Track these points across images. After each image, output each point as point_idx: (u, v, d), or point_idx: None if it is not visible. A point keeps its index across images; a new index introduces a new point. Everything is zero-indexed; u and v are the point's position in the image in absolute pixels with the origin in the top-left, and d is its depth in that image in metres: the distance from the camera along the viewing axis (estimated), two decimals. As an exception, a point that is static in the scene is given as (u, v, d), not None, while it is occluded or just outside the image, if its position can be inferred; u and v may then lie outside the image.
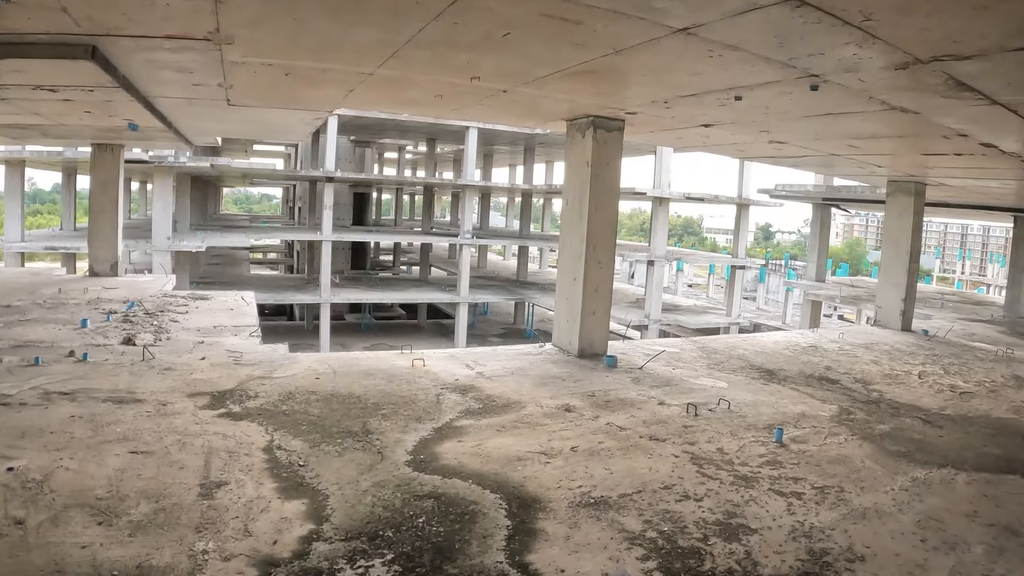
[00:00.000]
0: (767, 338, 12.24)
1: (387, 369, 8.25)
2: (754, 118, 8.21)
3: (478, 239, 40.15)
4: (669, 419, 7.00)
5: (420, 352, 9.10)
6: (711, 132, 9.54)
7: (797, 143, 10.16)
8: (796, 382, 9.18)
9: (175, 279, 17.24)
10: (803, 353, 11.18)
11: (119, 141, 15.91)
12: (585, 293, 9.27)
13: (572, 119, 9.30)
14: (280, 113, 10.54)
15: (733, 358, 10.30)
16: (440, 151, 55.94)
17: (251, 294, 14.45)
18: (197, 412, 6.51)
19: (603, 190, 9.17)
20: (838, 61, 5.40)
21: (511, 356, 9.23)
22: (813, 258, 28.15)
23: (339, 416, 6.53)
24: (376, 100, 8.85)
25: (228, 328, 10.63)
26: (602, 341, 9.57)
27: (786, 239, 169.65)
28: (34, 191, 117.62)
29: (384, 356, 8.94)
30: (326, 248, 35.48)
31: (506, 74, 6.64)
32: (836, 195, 23.97)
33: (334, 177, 35.44)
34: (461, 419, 6.61)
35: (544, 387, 7.84)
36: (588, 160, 9.04)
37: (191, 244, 29.27)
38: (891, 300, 14.83)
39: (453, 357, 9.02)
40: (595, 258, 9.23)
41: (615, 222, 9.39)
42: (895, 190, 14.96)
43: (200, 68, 7.33)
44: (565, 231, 9.69)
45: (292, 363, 8.43)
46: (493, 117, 9.73)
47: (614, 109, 8.30)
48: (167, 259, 28.53)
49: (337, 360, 8.64)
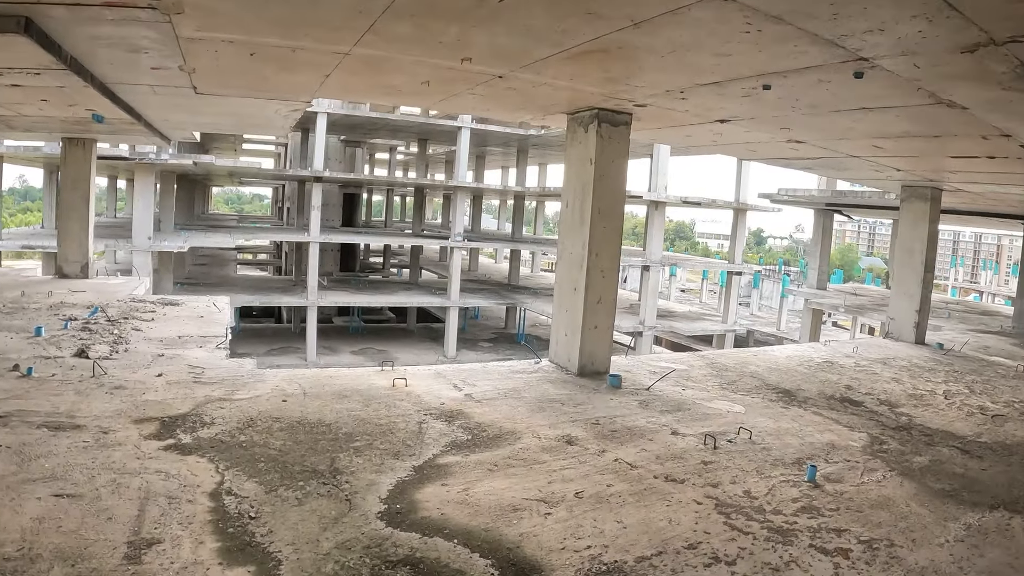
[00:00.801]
0: (779, 353, 11.40)
1: (364, 390, 7.35)
2: (778, 113, 7.36)
3: (469, 242, 39.33)
4: (685, 453, 6.12)
5: (402, 369, 8.20)
6: (726, 130, 8.69)
7: (817, 143, 9.32)
8: (818, 405, 8.33)
9: (149, 282, 16.35)
10: (819, 370, 10.35)
11: (90, 135, 15.00)
12: (586, 305, 8.37)
13: (574, 112, 8.40)
14: (254, 104, 9.65)
15: (746, 376, 9.45)
16: (432, 152, 55.11)
17: (225, 299, 13.56)
18: (141, 443, 5.61)
19: (608, 191, 8.27)
20: (897, 40, 4.55)
21: (504, 374, 8.33)
22: (814, 265, 27.31)
23: (304, 450, 5.62)
24: (356, 87, 7.96)
25: (194, 339, 9.74)
26: (604, 358, 8.67)
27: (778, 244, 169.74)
28: (26, 188, 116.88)
29: (362, 374, 8.02)
30: (313, 250, 34.60)
31: (502, 54, 5.75)
32: (841, 200, 23.13)
33: (322, 177, 34.58)
34: (446, 454, 5.69)
35: (541, 412, 6.94)
36: (591, 157, 8.14)
37: (172, 244, 28.34)
38: (904, 312, 14.03)
39: (439, 375, 8.11)
40: (598, 266, 8.33)
41: (621, 227, 8.50)
42: (910, 195, 14.16)
43: (154, 46, 6.44)
44: (564, 236, 8.79)
45: (258, 382, 7.52)
46: (487, 109, 8.81)
47: (621, 100, 7.42)
48: (147, 259, 27.60)
49: (309, 379, 7.72)
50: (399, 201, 78.21)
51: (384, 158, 64.32)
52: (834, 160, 11.10)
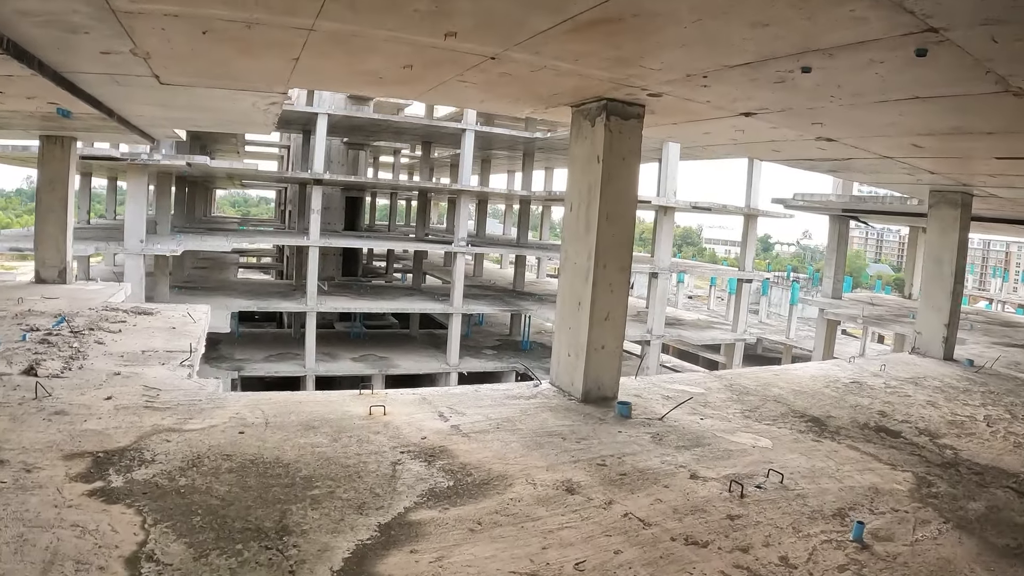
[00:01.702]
0: (802, 372, 10.42)
1: (336, 419, 6.39)
2: (814, 104, 6.42)
3: (473, 247, 38.37)
4: (708, 504, 5.15)
5: (383, 394, 7.27)
6: (749, 125, 7.74)
7: (850, 141, 8.36)
8: (852, 436, 7.38)
9: (130, 288, 15.43)
10: (847, 392, 9.40)
11: (69, 133, 14.15)
12: (592, 322, 7.39)
13: (579, 103, 7.42)
14: (226, 97, 8.74)
15: (769, 400, 8.48)
16: (437, 156, 54.29)
17: (204, 309, 12.65)
18: (65, 486, 4.71)
19: (617, 193, 7.29)
20: (982, 3, 3.63)
21: (498, 400, 7.33)
22: (829, 273, 26.32)
23: (252, 499, 4.68)
24: (332, 74, 7.01)
25: (158, 354, 8.83)
26: (612, 381, 7.69)
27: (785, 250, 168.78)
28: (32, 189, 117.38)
29: (336, 399, 7.05)
30: (313, 254, 33.67)
31: (492, 26, 4.80)
32: (860, 206, 22.12)
33: (322, 179, 33.67)
34: (421, 507, 4.71)
35: (539, 450, 5.95)
36: (599, 155, 7.17)
37: (165, 248, 27.43)
38: (932, 325, 13.07)
39: (424, 401, 7.13)
40: (605, 279, 7.35)
41: (631, 234, 7.53)
42: (939, 201, 13.20)
43: (92, 23, 5.54)
44: (568, 244, 7.83)
45: (216, 408, 6.59)
46: (481, 101, 7.86)
47: (633, 89, 6.46)
48: (139, 263, 26.73)
49: (274, 405, 6.76)
50: (404, 205, 77.30)
51: (388, 161, 63.40)
52: (863, 162, 10.16)
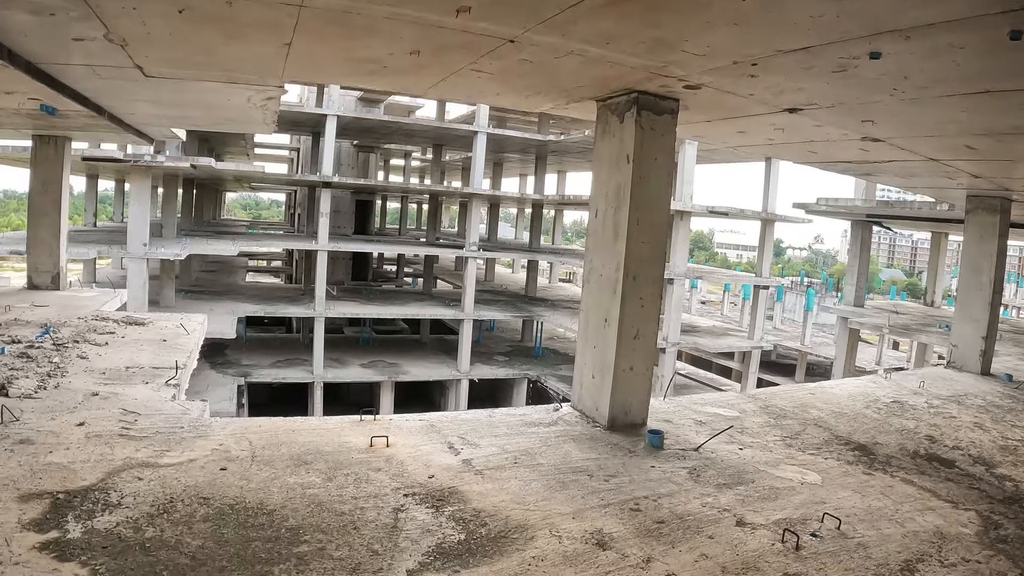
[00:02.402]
0: (840, 391, 9.64)
1: (332, 452, 5.67)
2: (872, 97, 5.68)
3: (485, 251, 37.64)
4: (760, 560, 4.39)
5: (387, 420, 6.55)
6: (791, 123, 7.00)
7: (899, 142, 7.61)
8: (904, 467, 6.63)
9: (126, 295, 14.77)
10: (890, 414, 8.64)
11: (62, 133, 13.52)
12: (620, 341, 6.63)
13: (606, 97, 6.67)
14: (218, 90, 8.05)
15: (809, 425, 7.72)
16: (448, 159, 53.66)
17: (200, 319, 11.95)
18: (14, 536, 4.03)
19: (649, 196, 6.53)
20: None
21: (514, 428, 6.58)
22: (851, 280, 25.51)
23: (228, 558, 3.96)
24: (329, 62, 6.27)
25: (144, 371, 8.15)
26: (641, 407, 6.93)
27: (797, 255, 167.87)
28: None
29: (334, 427, 6.32)
30: (321, 258, 33.03)
31: (513, 1, 4.09)
32: (887, 212, 21.28)
33: (331, 182, 33.00)
34: (427, 570, 3.98)
35: (563, 491, 5.19)
36: (629, 153, 6.42)
37: (169, 252, 26.79)
38: (969, 338, 12.29)
39: (432, 429, 6.39)
40: (635, 292, 6.60)
41: (664, 243, 6.82)
42: (976, 207, 12.42)
43: (56, 4, 4.87)
44: (593, 253, 7.08)
45: (199, 437, 5.87)
46: (496, 95, 7.12)
47: (669, 80, 5.72)
48: (142, 267, 26.08)
49: (264, 434, 6.04)
50: (415, 209, 76.64)
51: (399, 164, 62.76)
52: (901, 165, 9.41)
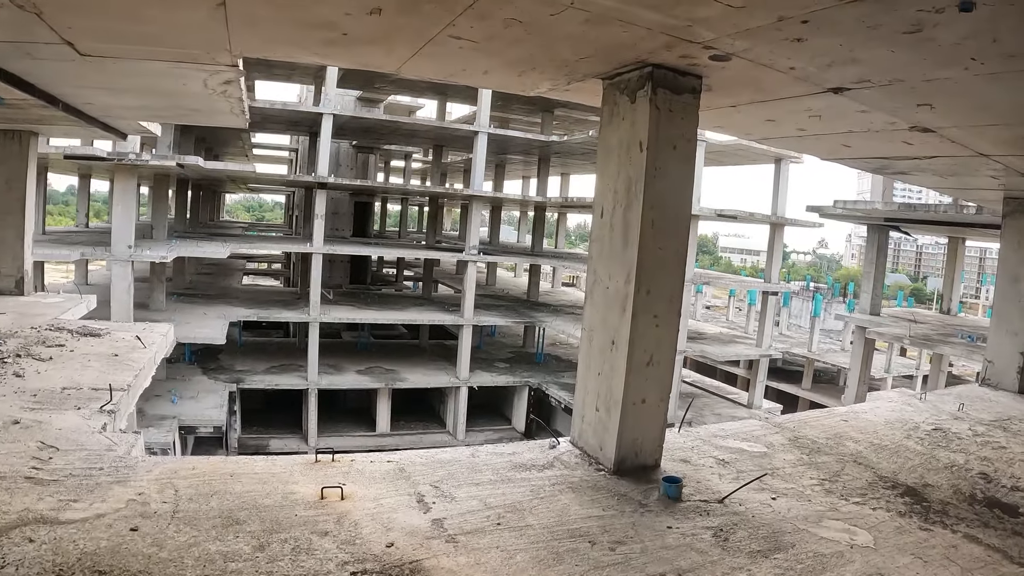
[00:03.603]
0: (874, 417, 8.51)
1: (272, 507, 4.56)
2: (940, 71, 4.59)
3: (485, 255, 36.57)
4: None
5: (348, 461, 5.42)
6: (832, 107, 5.91)
7: (954, 132, 6.52)
8: (963, 516, 5.54)
9: (94, 301, 13.65)
10: (935, 446, 7.53)
11: (25, 127, 12.47)
12: (630, 368, 5.46)
13: (614, 73, 5.55)
14: (168, 72, 6.98)
15: (848, 462, 6.61)
16: (449, 160, 52.67)
17: (163, 329, 10.93)
18: None
19: (667, 192, 5.38)
20: None
21: (501, 473, 5.45)
22: (867, 287, 24.36)
23: None
24: (277, 29, 5.13)
25: (82, 392, 7.10)
26: (654, 446, 5.78)
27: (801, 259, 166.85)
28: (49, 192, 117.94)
29: (281, 471, 5.18)
30: (316, 261, 31.98)
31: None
32: (909, 215, 20.12)
33: (327, 183, 31.97)
34: None
35: (557, 567, 4.02)
36: (642, 140, 5.28)
37: (155, 254, 25.72)
38: (1006, 353, 11.17)
39: (400, 475, 5.24)
40: (648, 310, 5.43)
41: (685, 250, 5.65)
42: (1016, 210, 11.33)
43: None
44: (597, 262, 5.91)
45: (118, 482, 4.79)
46: (485, 73, 5.96)
47: (692, 48, 4.60)
48: (127, 270, 25.05)
49: (197, 479, 4.92)
50: (416, 211, 75.53)
51: (400, 166, 61.73)
52: (949, 162, 8.32)
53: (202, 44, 5.73)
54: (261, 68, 37.90)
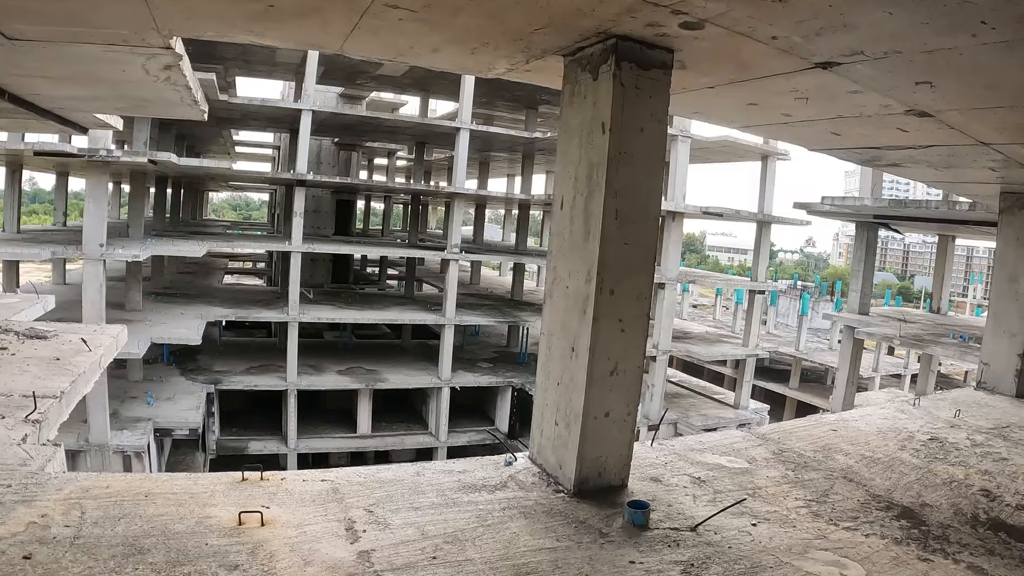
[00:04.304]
0: (866, 426, 7.92)
1: (182, 534, 3.93)
2: (946, 40, 4.00)
3: (468, 254, 35.95)
4: None
5: (278, 479, 4.81)
6: (821, 87, 5.33)
7: (953, 117, 5.95)
8: (966, 541, 4.97)
9: (52, 301, 13.02)
10: (931, 458, 6.96)
11: (-27, 119, 11.83)
12: (592, 377, 4.84)
13: (575, 48, 4.92)
14: (104, 57, 6.36)
15: (837, 478, 6.03)
16: (433, 158, 52.06)
17: (114, 331, 10.26)
18: None
19: (633, 180, 4.74)
20: None
21: (446, 495, 4.80)
22: (856, 286, 23.86)
23: None
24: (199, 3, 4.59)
25: (10, 400, 6.45)
26: (620, 464, 5.12)
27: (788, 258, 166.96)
28: (34, 191, 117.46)
29: (201, 492, 4.55)
30: (295, 260, 31.32)
31: None
32: (900, 212, 19.58)
33: (306, 181, 31.29)
34: None
35: None
36: (604, 121, 4.65)
37: (128, 253, 25.03)
38: (1004, 356, 10.64)
39: (334, 496, 4.60)
40: (613, 312, 4.81)
41: (654, 243, 4.95)
42: (1013, 205, 10.81)
43: None
44: (557, 258, 5.25)
45: (23, 501, 4.13)
46: (435, 51, 5.33)
47: (660, 11, 3.97)
48: (99, 269, 24.31)
49: (108, 500, 4.27)
50: (401, 210, 74.81)
51: (384, 164, 61.06)
52: (945, 152, 7.77)
53: (127, 22, 5.12)
54: (240, 64, 37.25)
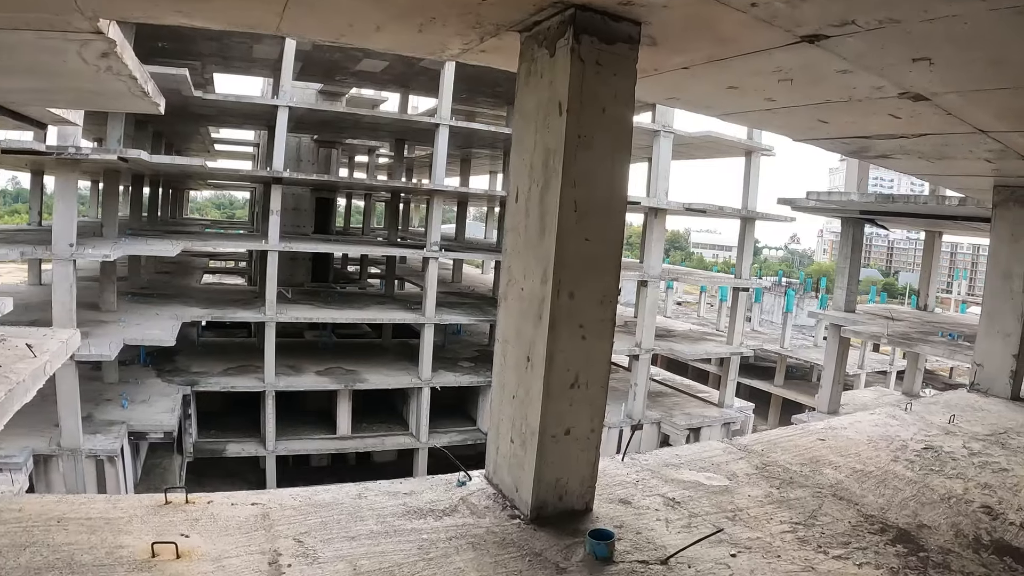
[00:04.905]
0: (856, 435, 7.39)
1: (88, 566, 3.30)
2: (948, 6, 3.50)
3: (448, 252, 35.37)
4: None
5: (204, 503, 4.22)
6: (806, 67, 4.81)
7: (951, 101, 5.44)
8: (970, 571, 4.45)
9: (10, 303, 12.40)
10: (926, 469, 6.46)
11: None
12: (549, 390, 4.25)
13: (531, 22, 4.32)
14: (34, 42, 5.70)
15: (826, 496, 5.49)
16: (415, 155, 51.56)
17: (64, 335, 9.71)
18: None
19: (594, 167, 4.17)
20: None
21: (387, 522, 4.21)
22: (842, 283, 23.42)
23: None
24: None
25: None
26: (583, 485, 4.53)
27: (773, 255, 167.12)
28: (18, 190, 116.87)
29: (118, 517, 3.90)
30: (272, 259, 30.69)
31: None
32: (888, 207, 19.10)
33: (282, 178, 30.64)
34: None
35: None
36: (562, 101, 4.06)
37: (98, 253, 24.34)
38: (997, 357, 10.19)
39: (262, 523, 4.03)
40: (572, 317, 4.23)
41: (620, 240, 4.34)
42: (1007, 199, 10.35)
43: None
44: (511, 256, 4.62)
45: None
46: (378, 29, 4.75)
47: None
48: (68, 270, 23.60)
49: (16, 525, 3.62)
50: (384, 208, 74.24)
51: (365, 161, 60.42)
52: (940, 141, 7.27)
53: (48, 4, 4.57)
54: (218, 60, 36.65)
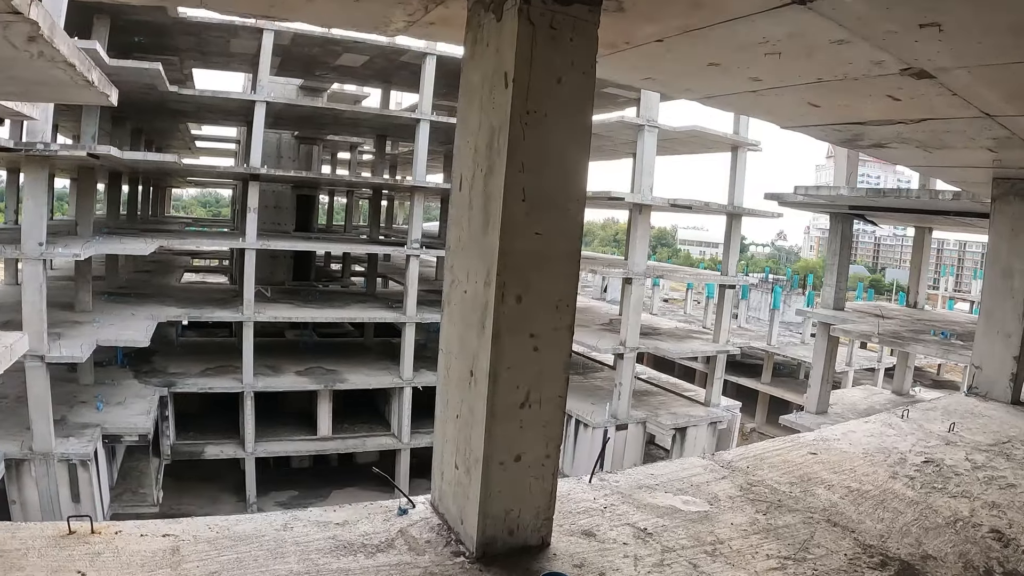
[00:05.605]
0: (850, 447, 6.78)
1: None
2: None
3: (430, 249, 34.82)
4: None
5: (111, 533, 3.57)
6: (796, 40, 4.23)
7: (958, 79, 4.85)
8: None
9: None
10: (928, 487, 5.86)
11: None
12: (495, 410, 3.61)
13: None
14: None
15: (818, 521, 4.88)
16: (399, 151, 50.91)
17: (10, 338, 9.20)
18: None
19: (547, 148, 3.49)
20: None
21: (308, 563, 3.53)
22: (830, 280, 22.91)
23: None
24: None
25: None
26: (540, 517, 3.85)
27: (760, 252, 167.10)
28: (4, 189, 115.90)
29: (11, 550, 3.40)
30: (249, 257, 30.11)
31: None
32: (878, 203, 18.56)
33: (259, 175, 30.04)
34: None
35: None
36: (508, 70, 3.36)
37: (68, 252, 23.74)
38: (997, 358, 9.64)
39: (170, 560, 3.24)
40: (521, 324, 3.58)
41: (578, 234, 3.67)
42: (1007, 192, 9.81)
43: None
44: (454, 254, 3.98)
45: None
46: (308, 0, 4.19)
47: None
48: (38, 269, 22.91)
49: None
50: (368, 205, 73.59)
51: (347, 158, 59.81)
52: (940, 128, 6.71)
53: None
54: (196, 55, 36.11)
